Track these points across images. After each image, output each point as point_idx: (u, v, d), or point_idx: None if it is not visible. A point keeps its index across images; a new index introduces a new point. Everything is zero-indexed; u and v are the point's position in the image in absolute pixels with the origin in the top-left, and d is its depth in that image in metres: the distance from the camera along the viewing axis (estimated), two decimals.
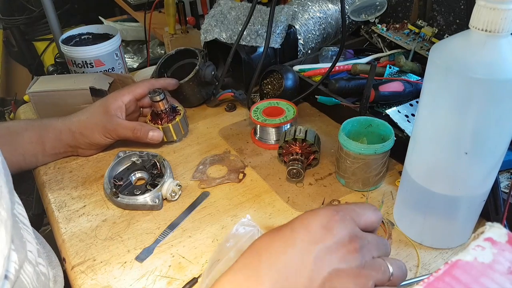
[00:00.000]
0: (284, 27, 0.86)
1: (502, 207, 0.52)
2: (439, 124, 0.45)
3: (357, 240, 0.37)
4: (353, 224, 0.38)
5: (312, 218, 0.37)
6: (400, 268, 0.39)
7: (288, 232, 0.37)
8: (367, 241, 0.38)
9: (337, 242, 0.36)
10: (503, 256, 0.28)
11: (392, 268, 0.38)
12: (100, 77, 0.81)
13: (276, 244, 0.37)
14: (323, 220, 0.37)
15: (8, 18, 1.83)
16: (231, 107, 0.85)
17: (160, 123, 0.73)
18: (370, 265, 0.37)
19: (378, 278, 0.37)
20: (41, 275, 0.47)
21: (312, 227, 0.37)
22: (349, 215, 0.38)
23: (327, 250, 0.36)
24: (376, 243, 0.39)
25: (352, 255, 0.36)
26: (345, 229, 0.37)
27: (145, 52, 1.40)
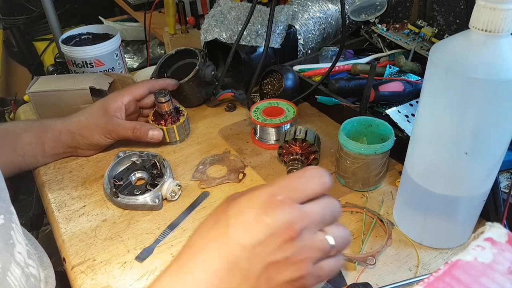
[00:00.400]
0: (284, 27, 0.86)
1: (502, 207, 0.52)
2: (439, 124, 0.45)
3: (294, 226, 0.35)
4: (293, 206, 0.35)
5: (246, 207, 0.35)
6: (342, 236, 0.38)
7: (222, 229, 0.35)
8: (308, 219, 0.36)
9: (271, 234, 0.34)
10: (503, 256, 0.28)
11: (334, 240, 0.37)
12: (100, 77, 0.81)
13: (211, 245, 0.35)
14: (258, 210, 0.35)
15: (8, 18, 1.83)
16: (231, 107, 0.85)
17: (164, 124, 0.73)
18: (309, 246, 0.35)
19: (317, 256, 0.36)
20: (30, 277, 0.47)
21: (247, 218, 0.35)
22: (289, 196, 0.35)
23: (261, 245, 0.34)
24: (320, 215, 0.36)
25: (288, 243, 0.34)
26: (282, 216, 0.34)
27: (145, 52, 1.40)
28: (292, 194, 0.36)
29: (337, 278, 0.51)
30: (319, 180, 0.37)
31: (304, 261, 0.35)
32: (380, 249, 0.54)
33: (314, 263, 0.36)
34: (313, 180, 0.37)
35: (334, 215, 0.38)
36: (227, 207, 0.36)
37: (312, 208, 0.36)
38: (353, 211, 0.60)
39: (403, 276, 0.51)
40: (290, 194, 0.36)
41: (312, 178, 0.37)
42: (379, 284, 0.50)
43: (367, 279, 0.51)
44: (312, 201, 0.37)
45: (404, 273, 0.52)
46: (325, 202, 0.37)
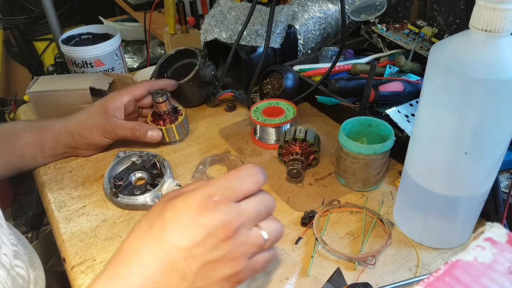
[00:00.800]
0: (284, 27, 0.86)
1: (502, 207, 0.52)
2: (439, 124, 0.45)
3: (231, 225, 0.36)
4: (229, 206, 0.36)
5: (183, 209, 0.36)
6: (275, 230, 0.39)
7: (158, 232, 0.36)
8: (244, 217, 0.37)
9: (208, 235, 0.35)
10: (503, 256, 0.28)
11: (267, 234, 0.38)
12: (100, 77, 0.81)
13: (147, 249, 0.35)
14: (194, 211, 0.35)
15: (8, 18, 1.83)
16: (231, 107, 0.85)
17: (163, 124, 0.73)
18: (245, 242, 0.37)
19: (253, 251, 0.38)
20: (18, 278, 0.47)
21: (184, 220, 0.35)
22: (225, 196, 0.36)
23: (198, 245, 0.35)
24: (255, 212, 0.38)
25: (224, 242, 0.35)
26: (219, 216, 0.35)
27: (145, 52, 1.40)
28: (228, 194, 0.37)
29: (337, 278, 0.51)
30: (254, 178, 0.38)
31: (240, 257, 0.37)
32: (380, 249, 0.54)
33: (249, 258, 0.38)
34: (248, 178, 0.38)
35: (268, 210, 0.39)
36: (163, 209, 0.36)
37: (247, 206, 0.37)
38: (353, 211, 0.60)
39: (403, 276, 0.51)
40: (226, 193, 0.37)
41: (247, 176, 0.38)
42: (379, 284, 0.50)
43: (367, 279, 0.51)
44: (248, 199, 0.38)
45: (404, 273, 0.52)
46: (260, 198, 0.39)
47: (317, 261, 0.53)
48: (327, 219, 0.59)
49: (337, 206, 0.61)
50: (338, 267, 0.53)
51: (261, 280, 0.51)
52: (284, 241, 0.56)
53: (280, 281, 0.51)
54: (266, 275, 0.52)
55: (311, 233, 0.57)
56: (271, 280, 0.51)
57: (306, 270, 0.52)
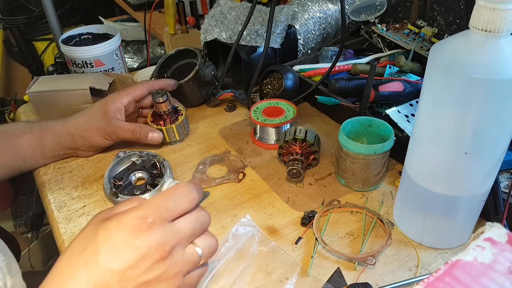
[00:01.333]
0: (284, 27, 0.86)
1: (502, 207, 0.52)
2: (439, 124, 0.45)
3: (165, 246, 0.36)
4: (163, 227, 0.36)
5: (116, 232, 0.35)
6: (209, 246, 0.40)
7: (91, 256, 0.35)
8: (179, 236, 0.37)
9: (142, 257, 0.35)
10: (503, 256, 0.28)
11: (201, 250, 0.39)
12: (100, 77, 0.81)
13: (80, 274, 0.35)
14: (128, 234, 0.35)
15: (8, 18, 1.83)
16: (231, 107, 0.85)
17: (163, 124, 0.73)
18: (180, 261, 0.37)
19: (187, 269, 0.38)
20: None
21: (117, 243, 0.35)
22: (160, 217, 0.36)
23: (132, 268, 0.35)
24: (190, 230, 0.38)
25: (159, 263, 0.36)
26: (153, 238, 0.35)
27: (145, 52, 1.40)
28: (162, 214, 0.37)
29: (337, 278, 0.51)
30: (189, 197, 0.38)
31: (175, 276, 0.37)
32: (380, 249, 0.54)
33: (184, 276, 0.38)
34: (183, 197, 0.38)
35: (203, 227, 0.40)
36: (95, 232, 0.36)
37: (182, 225, 0.38)
38: (353, 211, 0.60)
39: (403, 276, 0.51)
40: (160, 214, 0.37)
41: (182, 196, 0.38)
42: (379, 284, 0.50)
43: (367, 279, 0.51)
44: (182, 217, 0.38)
45: (404, 273, 0.52)
46: (195, 216, 0.39)
47: (317, 261, 0.53)
48: (327, 219, 0.59)
49: (337, 206, 0.61)
50: (338, 267, 0.53)
51: (261, 280, 0.51)
52: (284, 241, 0.56)
53: (280, 281, 0.51)
54: (266, 275, 0.52)
55: (311, 233, 0.57)
56: (271, 280, 0.51)
57: (306, 270, 0.52)
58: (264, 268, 0.53)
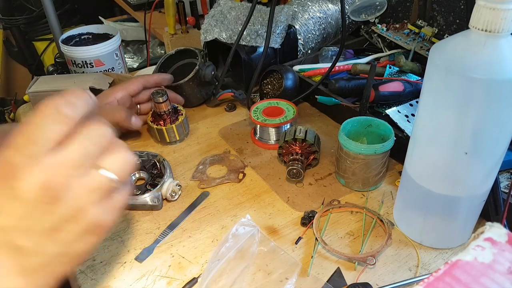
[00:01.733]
0: (284, 27, 0.86)
1: (502, 207, 0.52)
2: (439, 124, 0.45)
3: (51, 184, 0.29)
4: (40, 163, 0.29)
5: None
6: (121, 163, 0.33)
7: None
8: (66, 166, 0.30)
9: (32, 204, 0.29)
10: (503, 256, 0.28)
11: (112, 171, 0.32)
12: (100, 77, 0.81)
13: None
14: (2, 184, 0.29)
15: (8, 18, 1.83)
16: (231, 107, 0.85)
17: (163, 124, 0.73)
18: (82, 193, 0.31)
19: (99, 196, 0.32)
20: None
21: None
22: (30, 153, 0.29)
23: (26, 218, 0.29)
24: (81, 153, 0.31)
25: (55, 205, 0.30)
26: (32, 180, 0.29)
27: (145, 52, 1.40)
28: (32, 149, 0.29)
29: (337, 278, 0.51)
30: (60, 115, 0.30)
31: (85, 210, 0.31)
32: (380, 249, 0.54)
33: (99, 204, 0.32)
34: (48, 119, 0.30)
35: (102, 141, 0.32)
36: None
37: (66, 152, 0.30)
38: (353, 211, 0.60)
39: (403, 276, 0.51)
40: (30, 150, 0.29)
41: (46, 117, 0.30)
42: (379, 284, 0.50)
43: (367, 279, 0.51)
44: (66, 141, 0.30)
45: (404, 273, 0.52)
46: (85, 133, 0.31)
47: (317, 261, 0.53)
48: (327, 219, 0.59)
49: (337, 206, 0.61)
50: (338, 267, 0.53)
51: (261, 280, 0.51)
52: (284, 241, 0.56)
53: (280, 281, 0.51)
54: (266, 275, 0.52)
55: (311, 233, 0.57)
56: (271, 280, 0.51)
57: (306, 270, 0.52)
58: (264, 268, 0.53)
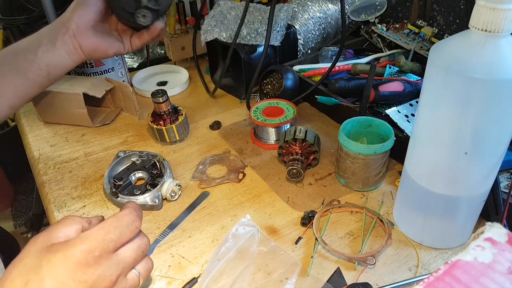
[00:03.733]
0: (284, 24, 0.86)
1: (502, 207, 0.52)
2: (439, 124, 0.45)
3: (111, 277, 0.37)
4: (109, 259, 0.37)
5: (61, 266, 0.35)
6: (147, 269, 0.43)
7: None
8: (123, 265, 0.39)
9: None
10: (503, 256, 0.28)
11: (139, 272, 0.42)
12: (100, 83, 0.81)
13: None
14: (74, 269, 0.35)
15: (8, 18, 1.83)
16: (214, 126, 0.81)
17: (163, 124, 0.73)
18: (124, 287, 0.39)
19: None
20: None
21: (63, 278, 0.35)
22: (105, 251, 0.37)
23: None
24: (133, 258, 0.40)
25: None
26: (98, 272, 0.36)
27: (145, 52, 1.40)
28: (108, 248, 0.38)
29: (337, 278, 0.51)
30: (132, 227, 0.40)
31: None
32: (380, 249, 0.54)
33: None
34: (127, 228, 0.40)
35: (144, 254, 0.42)
36: (39, 265, 0.35)
37: (126, 255, 0.40)
38: (353, 211, 0.60)
39: (403, 276, 0.51)
40: (107, 248, 0.38)
41: (126, 227, 0.40)
42: (379, 284, 0.50)
43: (367, 279, 0.51)
44: (125, 246, 0.40)
45: (404, 273, 0.52)
46: (138, 244, 0.41)
47: (317, 261, 0.53)
48: (327, 219, 0.59)
49: (337, 206, 0.61)
50: (338, 267, 0.53)
51: (261, 280, 0.51)
52: (284, 241, 0.56)
53: (280, 281, 0.51)
54: (266, 275, 0.52)
55: (311, 233, 0.57)
56: (271, 280, 0.51)
57: (306, 270, 0.52)
58: (264, 268, 0.53)
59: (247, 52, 0.83)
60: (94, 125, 0.81)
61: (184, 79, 0.96)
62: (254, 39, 0.84)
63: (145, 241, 0.42)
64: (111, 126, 0.83)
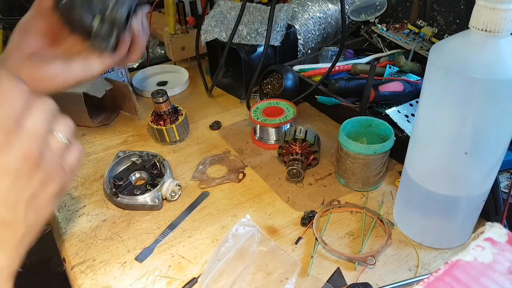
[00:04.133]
0: (284, 24, 0.86)
1: (502, 207, 0.52)
2: (439, 124, 0.45)
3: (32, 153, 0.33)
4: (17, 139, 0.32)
5: None
6: (68, 127, 0.38)
7: None
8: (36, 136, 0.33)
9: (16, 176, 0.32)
10: (503, 256, 0.28)
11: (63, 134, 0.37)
12: (100, 83, 0.80)
13: None
14: None
15: (8, 18, 1.83)
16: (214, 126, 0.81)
17: (163, 124, 0.73)
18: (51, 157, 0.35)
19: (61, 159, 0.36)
20: None
21: None
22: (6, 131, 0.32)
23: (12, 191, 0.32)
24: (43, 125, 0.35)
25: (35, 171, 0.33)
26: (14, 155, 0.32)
27: (145, 52, 1.40)
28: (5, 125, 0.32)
29: (337, 278, 0.51)
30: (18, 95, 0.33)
31: (56, 172, 0.35)
32: (380, 249, 0.54)
33: (61, 166, 0.36)
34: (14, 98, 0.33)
35: (53, 112, 0.37)
36: None
37: (32, 123, 0.34)
38: (353, 211, 0.60)
39: (403, 276, 0.51)
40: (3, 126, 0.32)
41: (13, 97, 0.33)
42: (379, 284, 0.50)
43: (367, 279, 0.51)
44: (28, 115, 0.34)
45: (404, 273, 0.52)
46: (39, 107, 0.35)
47: (317, 261, 0.53)
48: (327, 219, 0.59)
49: (337, 206, 0.61)
50: (338, 267, 0.53)
51: (261, 280, 0.51)
52: (284, 241, 0.56)
53: (280, 281, 0.51)
54: (266, 275, 0.52)
55: (311, 233, 0.57)
56: (271, 280, 0.51)
57: (306, 270, 0.52)
58: (264, 268, 0.53)
59: (247, 52, 0.83)
60: (94, 125, 0.81)
61: (184, 79, 0.96)
62: (254, 39, 0.84)
63: (43, 101, 0.36)
64: (111, 126, 0.83)
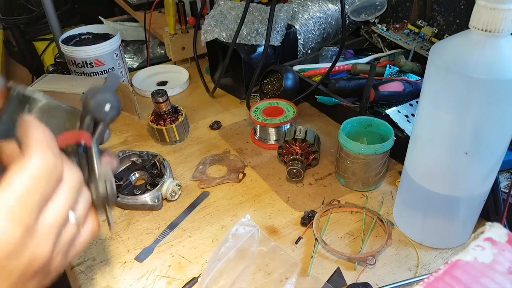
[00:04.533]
0: (284, 24, 0.86)
1: (502, 207, 0.52)
2: (439, 124, 0.45)
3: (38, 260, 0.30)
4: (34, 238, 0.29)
5: None
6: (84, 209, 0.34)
7: None
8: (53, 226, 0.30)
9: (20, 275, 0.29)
10: (503, 256, 0.28)
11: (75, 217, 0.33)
12: (100, 83, 0.81)
13: None
14: None
15: (8, 18, 1.83)
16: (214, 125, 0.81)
17: (163, 124, 0.73)
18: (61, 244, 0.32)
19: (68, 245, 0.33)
20: None
21: None
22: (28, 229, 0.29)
23: None
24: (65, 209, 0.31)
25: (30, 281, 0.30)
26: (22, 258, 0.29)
27: (145, 52, 1.40)
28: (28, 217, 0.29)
29: (337, 278, 0.51)
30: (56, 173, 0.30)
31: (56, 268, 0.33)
32: (380, 249, 0.54)
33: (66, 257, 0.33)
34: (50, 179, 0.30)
35: (78, 188, 0.33)
36: None
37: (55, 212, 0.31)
38: (353, 211, 0.60)
39: (403, 276, 0.51)
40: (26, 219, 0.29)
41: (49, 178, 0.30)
42: (379, 284, 0.50)
43: (367, 279, 0.51)
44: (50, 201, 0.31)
45: (404, 273, 0.52)
46: (66, 185, 0.31)
47: (317, 261, 0.53)
48: (327, 219, 0.59)
49: (337, 206, 0.61)
50: (338, 267, 0.53)
51: (261, 280, 0.51)
52: (284, 241, 0.56)
53: (280, 281, 0.51)
54: (266, 275, 0.52)
55: (311, 233, 0.57)
56: (271, 280, 0.51)
57: (306, 270, 0.52)
58: (264, 268, 0.53)
59: (247, 52, 0.83)
60: None
61: (184, 79, 0.96)
62: (254, 39, 0.84)
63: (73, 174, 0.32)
64: (111, 126, 0.82)
